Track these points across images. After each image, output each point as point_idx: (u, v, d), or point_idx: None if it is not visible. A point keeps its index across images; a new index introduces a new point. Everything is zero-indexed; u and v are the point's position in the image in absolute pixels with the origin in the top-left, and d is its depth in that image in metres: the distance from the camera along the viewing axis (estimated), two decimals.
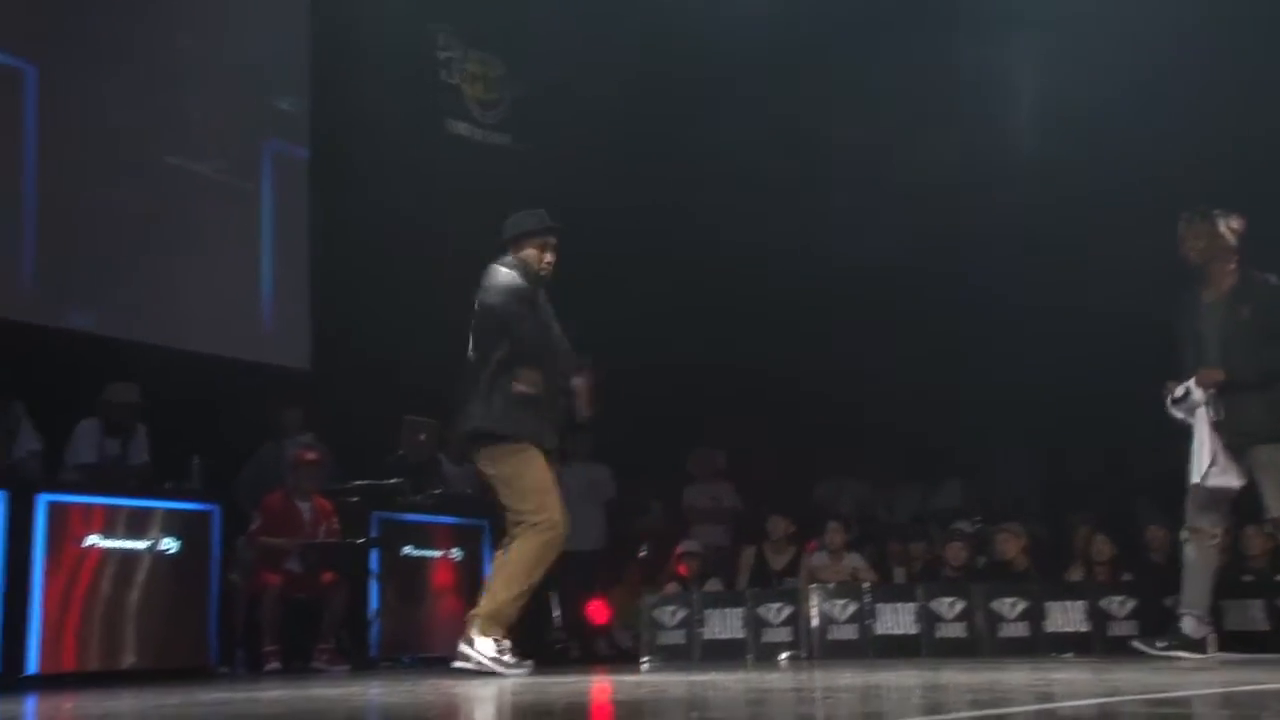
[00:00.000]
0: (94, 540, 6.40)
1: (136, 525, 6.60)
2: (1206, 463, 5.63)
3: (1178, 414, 5.75)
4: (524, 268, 5.49)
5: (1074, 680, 4.11)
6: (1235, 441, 5.63)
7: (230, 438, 8.17)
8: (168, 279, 8.48)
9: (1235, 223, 5.81)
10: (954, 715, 2.85)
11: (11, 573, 6.05)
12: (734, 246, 10.29)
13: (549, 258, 5.57)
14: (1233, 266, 5.81)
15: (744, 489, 9.84)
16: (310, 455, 7.74)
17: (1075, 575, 8.06)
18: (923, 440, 10.10)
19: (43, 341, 7.68)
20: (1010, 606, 7.20)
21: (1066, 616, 7.19)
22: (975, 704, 3.11)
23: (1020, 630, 7.15)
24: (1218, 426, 5.63)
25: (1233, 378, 5.63)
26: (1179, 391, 5.72)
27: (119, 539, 6.50)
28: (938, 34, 9.98)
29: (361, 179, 9.27)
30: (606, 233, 9.71)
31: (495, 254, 5.62)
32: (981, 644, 7.09)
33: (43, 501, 6.26)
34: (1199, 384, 5.67)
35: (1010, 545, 7.99)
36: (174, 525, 6.74)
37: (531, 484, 5.36)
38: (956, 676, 4.43)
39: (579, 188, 9.87)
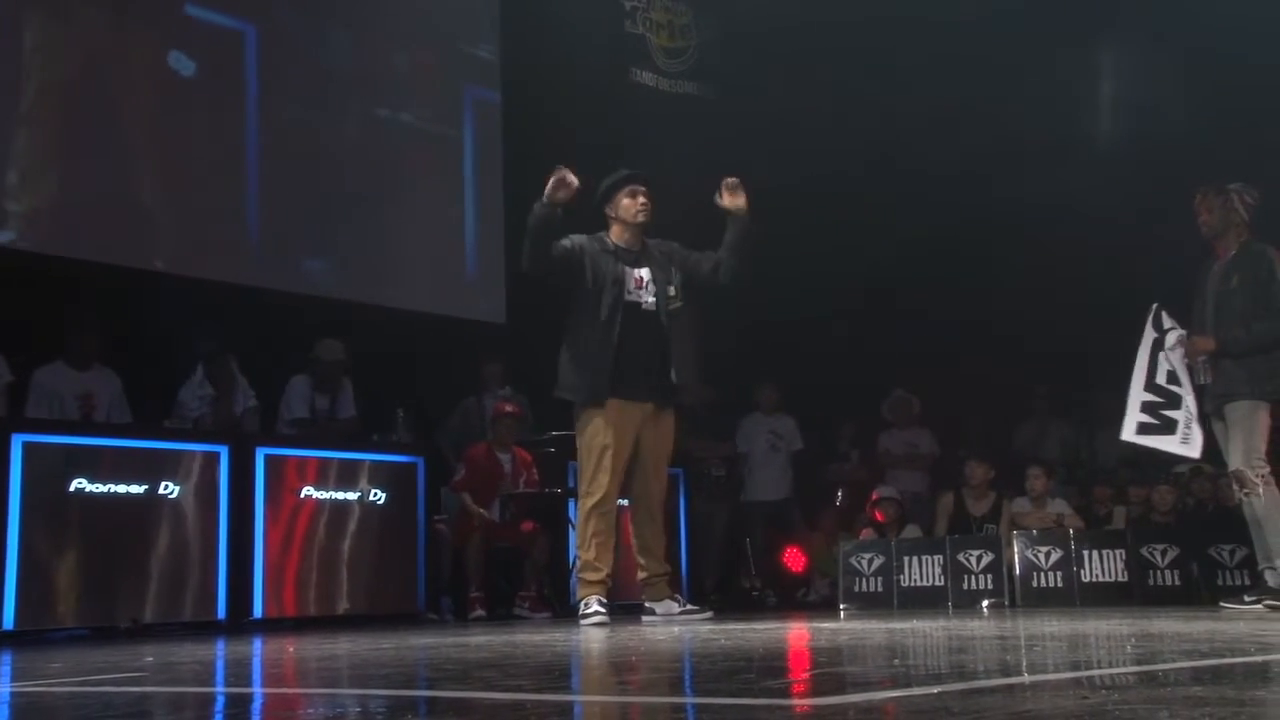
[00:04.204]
0: (308, 491, 6.71)
1: (346, 477, 6.88)
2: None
3: (1151, 348, 5.93)
4: (603, 239, 5.92)
5: None
6: (1214, 405, 5.75)
7: (432, 391, 8.41)
8: (377, 235, 8.68)
9: (1250, 197, 5.81)
10: (1169, 666, 2.73)
11: (235, 523, 6.40)
12: (926, 184, 10.00)
13: (641, 201, 5.93)
14: (1245, 239, 5.82)
15: (942, 434, 9.64)
16: (509, 408, 7.92)
17: None
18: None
19: (256, 300, 7.99)
20: (1230, 554, 6.88)
21: None
22: (1191, 654, 2.97)
23: (1242, 579, 6.80)
24: (1200, 391, 5.81)
25: (1222, 348, 5.71)
26: (1171, 340, 5.86)
27: (330, 490, 6.80)
28: None
29: (550, 126, 9.29)
30: (793, 176, 9.55)
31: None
32: (1199, 593, 6.79)
33: (261, 455, 6.58)
34: (1189, 354, 5.83)
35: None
36: (381, 477, 7.00)
37: (585, 447, 5.83)
38: (1171, 626, 4.25)
39: (766, 134, 9.77)
